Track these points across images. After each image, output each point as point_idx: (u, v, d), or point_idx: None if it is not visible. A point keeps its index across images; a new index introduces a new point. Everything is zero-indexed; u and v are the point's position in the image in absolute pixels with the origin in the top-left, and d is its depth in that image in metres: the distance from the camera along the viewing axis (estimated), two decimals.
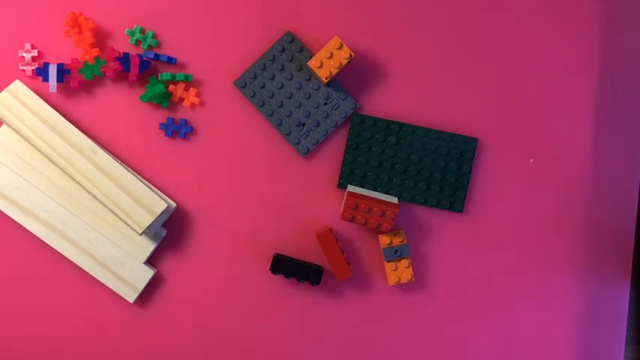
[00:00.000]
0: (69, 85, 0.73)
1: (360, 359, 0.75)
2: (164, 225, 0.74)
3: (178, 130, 0.74)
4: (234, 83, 0.74)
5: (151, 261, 0.74)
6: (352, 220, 0.70)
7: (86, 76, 0.72)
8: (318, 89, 0.74)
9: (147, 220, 0.70)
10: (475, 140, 0.74)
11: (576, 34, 0.75)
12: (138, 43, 0.74)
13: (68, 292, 0.74)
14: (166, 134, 0.74)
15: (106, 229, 0.72)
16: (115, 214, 0.70)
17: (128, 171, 0.71)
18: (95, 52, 0.72)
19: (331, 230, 0.72)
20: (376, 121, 0.74)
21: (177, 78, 0.73)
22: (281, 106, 0.74)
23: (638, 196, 0.75)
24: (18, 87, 0.71)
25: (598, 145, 0.75)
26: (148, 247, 0.73)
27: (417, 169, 0.74)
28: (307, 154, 0.74)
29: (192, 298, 0.74)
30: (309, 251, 0.75)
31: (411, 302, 0.75)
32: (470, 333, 0.75)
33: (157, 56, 0.73)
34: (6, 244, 0.74)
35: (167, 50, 0.74)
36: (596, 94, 0.75)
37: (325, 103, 0.74)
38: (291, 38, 0.74)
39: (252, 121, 0.75)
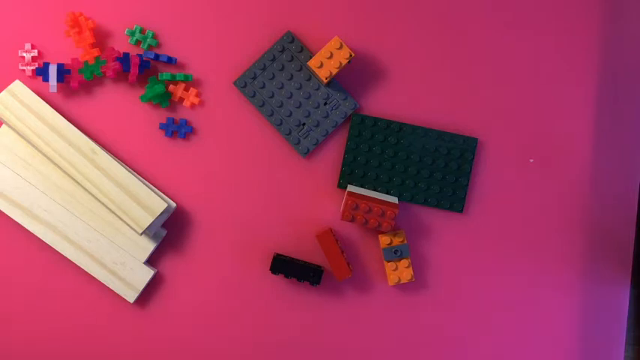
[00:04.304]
0: (69, 85, 0.74)
1: (360, 359, 0.75)
2: (164, 225, 0.74)
3: (178, 130, 0.74)
4: (234, 83, 0.74)
5: (151, 261, 0.74)
6: (352, 220, 0.70)
7: (86, 76, 0.72)
8: (318, 89, 0.74)
9: (147, 220, 0.70)
10: (475, 140, 0.74)
11: (577, 33, 0.75)
12: (138, 43, 0.74)
13: (68, 292, 0.74)
14: (166, 134, 0.74)
15: (106, 229, 0.73)
16: (115, 214, 0.70)
17: (128, 171, 0.72)
18: (95, 52, 0.72)
19: (331, 230, 0.72)
20: (376, 121, 0.74)
21: (177, 78, 0.73)
22: (281, 106, 0.74)
23: (638, 196, 0.75)
24: (18, 87, 0.71)
25: (598, 145, 0.75)
26: (148, 247, 0.73)
27: (417, 169, 0.74)
28: (307, 154, 0.74)
29: (192, 298, 0.74)
30: (309, 251, 0.75)
31: (410, 302, 0.75)
32: (469, 333, 0.75)
33: (157, 56, 0.73)
34: (6, 244, 0.74)
35: (167, 50, 0.74)
36: (596, 94, 0.75)
37: (325, 103, 0.74)
38: (291, 38, 0.74)
39: (252, 121, 0.75)
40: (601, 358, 0.75)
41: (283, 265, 0.72)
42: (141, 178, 0.73)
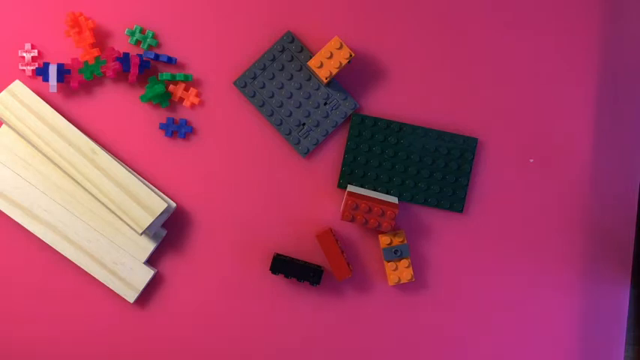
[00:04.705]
0: (69, 85, 0.74)
1: (360, 359, 0.75)
2: (164, 225, 0.74)
3: (178, 130, 0.74)
4: (234, 83, 0.74)
5: (151, 261, 0.74)
6: (352, 220, 0.70)
7: (86, 76, 0.72)
8: (318, 89, 0.74)
9: (147, 220, 0.70)
10: (475, 140, 0.74)
11: (577, 33, 0.75)
12: (138, 43, 0.74)
13: (68, 293, 0.74)
14: (166, 134, 0.74)
15: (106, 229, 0.72)
16: (115, 215, 0.70)
17: (128, 171, 0.72)
18: (95, 52, 0.72)
19: (331, 230, 0.72)
20: (376, 121, 0.74)
21: (177, 78, 0.73)
22: (281, 106, 0.74)
23: (638, 196, 0.75)
24: (18, 87, 0.71)
25: (598, 145, 0.75)
26: (148, 247, 0.73)
27: (417, 169, 0.74)
28: (307, 154, 0.74)
29: (192, 298, 0.74)
30: (309, 251, 0.75)
31: (411, 302, 0.75)
32: (469, 333, 0.75)
33: (157, 56, 0.73)
34: (6, 244, 0.74)
35: (167, 50, 0.74)
36: (596, 94, 0.75)
37: (325, 103, 0.74)
38: (291, 38, 0.74)
39: (252, 121, 0.75)
40: (601, 358, 0.75)
41: (283, 265, 0.72)
42: (141, 178, 0.73)
